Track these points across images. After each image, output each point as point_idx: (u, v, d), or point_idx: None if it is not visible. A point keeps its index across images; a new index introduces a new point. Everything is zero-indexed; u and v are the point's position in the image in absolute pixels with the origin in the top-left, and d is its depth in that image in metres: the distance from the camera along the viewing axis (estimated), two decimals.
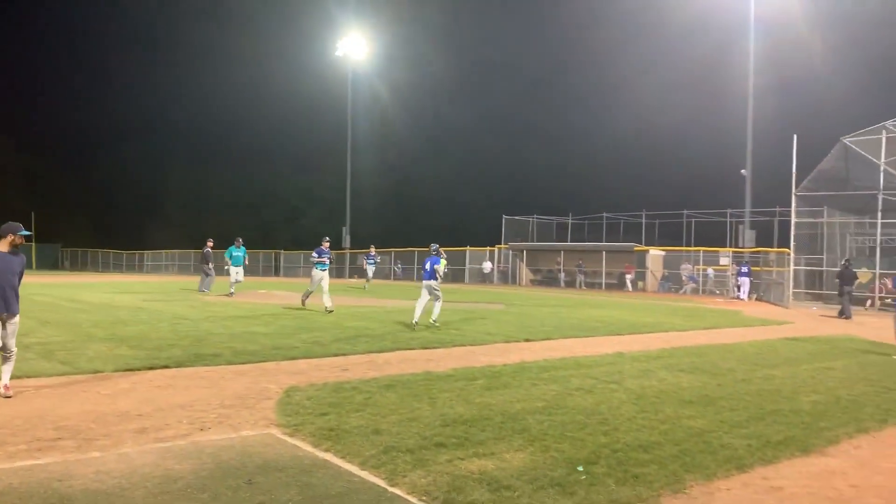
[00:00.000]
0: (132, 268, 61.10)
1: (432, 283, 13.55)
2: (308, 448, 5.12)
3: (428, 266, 13.75)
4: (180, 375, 7.86)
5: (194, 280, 28.64)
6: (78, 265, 65.16)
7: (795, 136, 25.90)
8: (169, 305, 17.30)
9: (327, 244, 16.85)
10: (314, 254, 16.66)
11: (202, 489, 4.21)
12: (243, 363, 8.71)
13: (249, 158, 70.35)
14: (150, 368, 8.15)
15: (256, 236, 22.47)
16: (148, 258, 61.10)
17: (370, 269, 30.27)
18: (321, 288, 16.12)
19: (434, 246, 14.90)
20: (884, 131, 24.36)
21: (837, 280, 22.11)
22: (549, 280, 41.26)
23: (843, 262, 22.90)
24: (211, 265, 23.40)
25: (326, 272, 16.32)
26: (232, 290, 21.16)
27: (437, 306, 13.52)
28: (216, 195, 69.96)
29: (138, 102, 76.43)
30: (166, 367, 8.29)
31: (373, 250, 31.82)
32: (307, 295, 16.80)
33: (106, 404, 6.33)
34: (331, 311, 15.54)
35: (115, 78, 76.11)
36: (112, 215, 72.58)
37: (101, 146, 75.23)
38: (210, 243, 23.73)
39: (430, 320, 13.33)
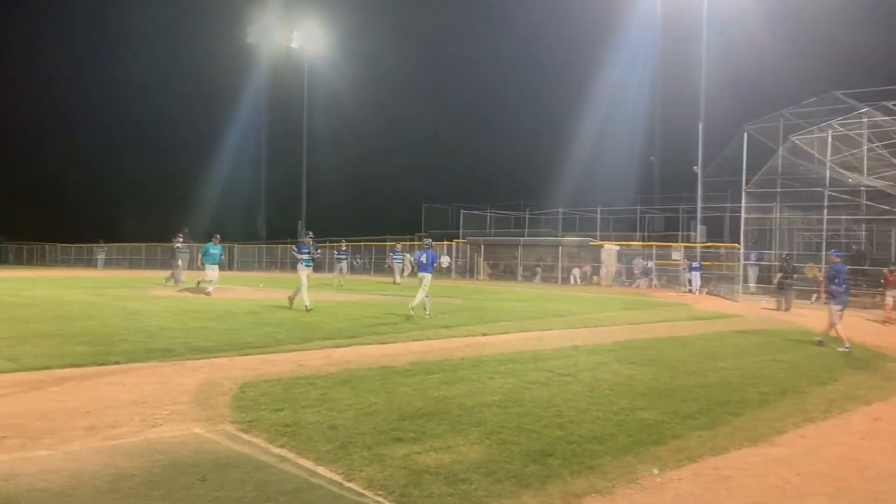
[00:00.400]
0: (82, 262, 59.46)
1: (427, 275, 14.27)
2: (263, 444, 5.07)
3: (424, 259, 14.53)
4: (131, 371, 7.69)
5: (147, 275, 28.02)
6: (24, 260, 62.99)
7: (746, 134, 26.50)
8: (120, 300, 16.92)
9: (310, 239, 16.41)
10: (294, 248, 16.47)
11: (155, 487, 4.13)
12: (196, 359, 8.56)
13: (204, 150, 69.02)
14: (100, 364, 7.95)
15: (211, 229, 22.40)
16: (99, 252, 59.61)
17: (343, 265, 29.64)
18: (300, 283, 15.41)
19: (427, 241, 15.29)
20: (830, 130, 25.07)
21: (780, 273, 22.78)
22: (507, 274, 41.52)
23: (784, 256, 23.60)
24: (179, 262, 22.91)
25: (310, 268, 15.86)
26: (209, 290, 19.67)
27: (420, 297, 14.13)
28: (169, 188, 68.50)
29: (88, 91, 74.18)
30: (117, 363, 8.10)
31: (343, 245, 31.50)
32: (296, 292, 15.80)
33: (53, 402, 6.16)
34: (290, 307, 15.27)
35: (63, 65, 73.67)
36: (60, 208, 70.48)
37: (48, 136, 73.00)
38: (180, 238, 23.36)
39: (410, 308, 13.96)
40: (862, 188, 25.92)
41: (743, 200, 27.01)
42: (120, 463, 4.54)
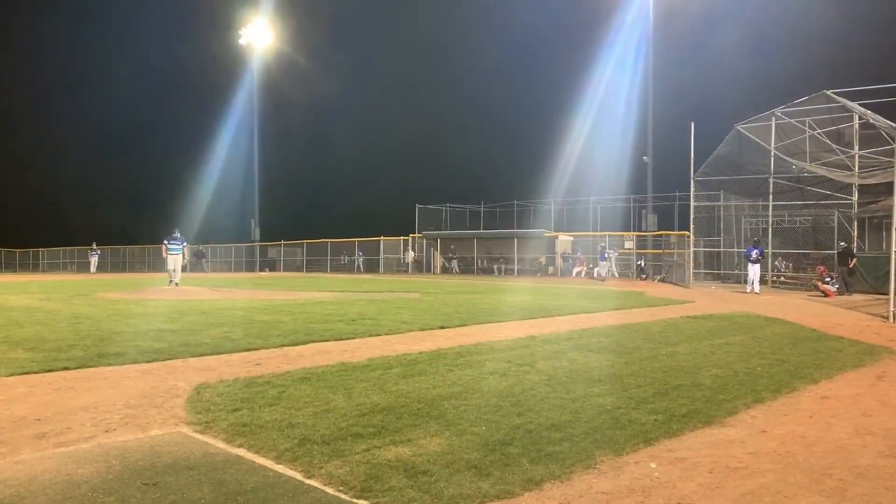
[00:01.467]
0: (26, 267, 57.84)
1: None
2: (220, 445, 5.00)
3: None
4: (81, 377, 7.50)
5: (94, 278, 27.28)
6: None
7: (693, 124, 27.05)
8: (68, 305, 16.48)
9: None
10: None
11: (108, 493, 4.05)
12: (149, 361, 8.40)
13: (152, 151, 67.63)
14: (49, 371, 7.74)
15: (162, 231, 22.20)
16: (44, 256, 58.02)
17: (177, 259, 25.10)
18: None
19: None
20: (773, 118, 25.75)
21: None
22: (463, 268, 41.67)
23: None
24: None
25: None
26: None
27: None
28: (116, 189, 67.03)
29: (27, 89, 72.03)
30: (66, 368, 7.88)
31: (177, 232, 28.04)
32: None
33: (0, 410, 5.98)
34: None
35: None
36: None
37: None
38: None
39: None
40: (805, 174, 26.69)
41: (691, 189, 27.59)
42: (72, 470, 4.43)
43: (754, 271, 23.08)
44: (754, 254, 23.16)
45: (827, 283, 22.42)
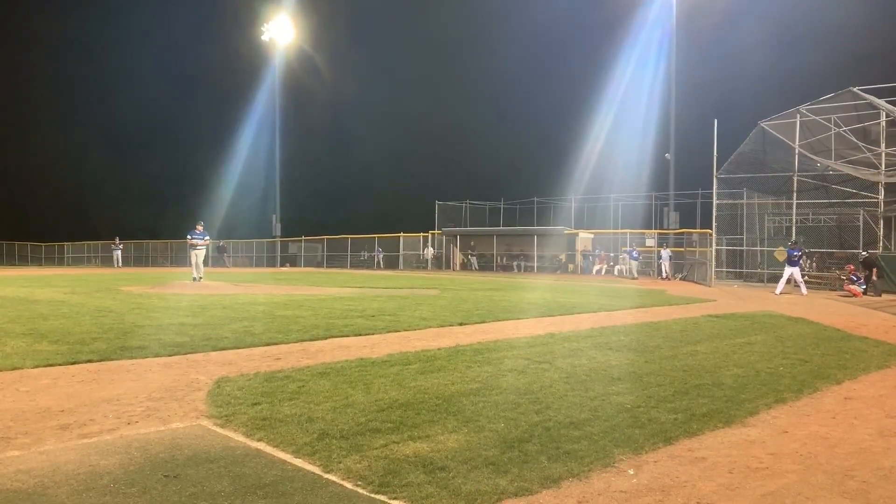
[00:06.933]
0: (52, 260, 58.63)
1: None
2: (240, 438, 5.04)
3: None
4: (105, 369, 7.60)
5: (118, 272, 27.59)
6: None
7: (716, 121, 26.79)
8: (92, 298, 16.69)
9: None
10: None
11: (130, 484, 4.09)
12: (171, 355, 8.49)
13: (174, 147, 68.29)
14: (73, 363, 7.85)
15: (184, 226, 22.36)
16: (69, 250, 58.77)
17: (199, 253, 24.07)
18: None
19: None
20: (798, 115, 25.44)
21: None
22: (483, 264, 41.63)
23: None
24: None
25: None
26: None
27: None
28: (139, 185, 67.75)
29: (52, 88, 73.01)
30: (90, 361, 7.99)
31: (200, 228, 24.85)
32: None
33: (25, 402, 6.07)
34: None
35: (25, 61, 72.34)
36: (28, 206, 69.24)
37: (10, 133, 71.64)
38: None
39: None
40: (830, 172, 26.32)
41: (714, 186, 27.35)
42: (94, 461, 4.49)
43: (789, 272, 22.63)
44: (794, 255, 22.69)
45: (854, 282, 22.06)
